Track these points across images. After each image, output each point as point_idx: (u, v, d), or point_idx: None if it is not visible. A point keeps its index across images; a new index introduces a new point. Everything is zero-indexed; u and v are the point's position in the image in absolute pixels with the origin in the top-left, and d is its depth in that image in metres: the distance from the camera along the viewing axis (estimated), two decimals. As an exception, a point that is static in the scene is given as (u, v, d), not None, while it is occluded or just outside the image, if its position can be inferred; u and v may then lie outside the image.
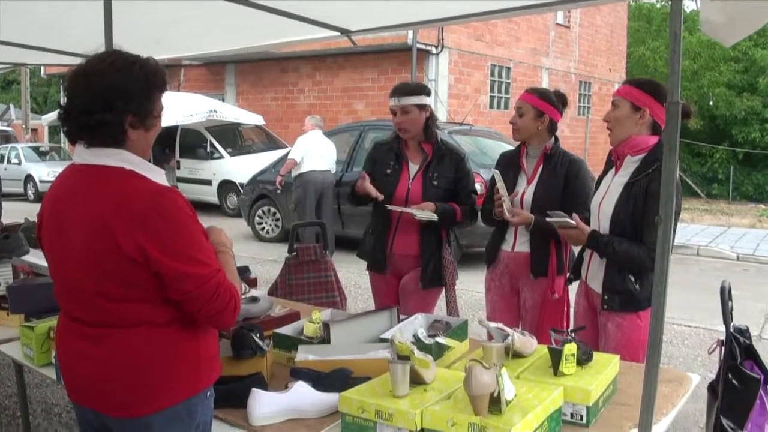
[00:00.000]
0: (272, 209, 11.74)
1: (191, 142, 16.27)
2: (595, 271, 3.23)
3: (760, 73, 25.39)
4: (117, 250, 1.83)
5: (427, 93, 3.85)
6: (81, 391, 2.02)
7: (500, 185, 3.50)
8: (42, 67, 22.18)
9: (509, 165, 3.74)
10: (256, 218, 11.97)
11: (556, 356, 2.24)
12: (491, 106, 19.56)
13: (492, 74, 19.50)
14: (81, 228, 1.89)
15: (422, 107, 3.79)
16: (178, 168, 16.33)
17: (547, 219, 3.22)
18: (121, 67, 1.90)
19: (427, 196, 3.78)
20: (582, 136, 22.80)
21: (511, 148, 3.94)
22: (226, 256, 2.10)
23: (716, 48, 24.85)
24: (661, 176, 1.98)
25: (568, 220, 3.12)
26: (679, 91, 1.91)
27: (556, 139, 3.66)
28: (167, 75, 2.03)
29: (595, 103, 24.55)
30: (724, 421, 3.01)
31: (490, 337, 3.35)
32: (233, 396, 2.33)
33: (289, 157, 10.07)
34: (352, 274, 8.53)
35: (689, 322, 7.10)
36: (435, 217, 3.67)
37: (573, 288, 3.58)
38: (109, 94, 1.87)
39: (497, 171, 3.57)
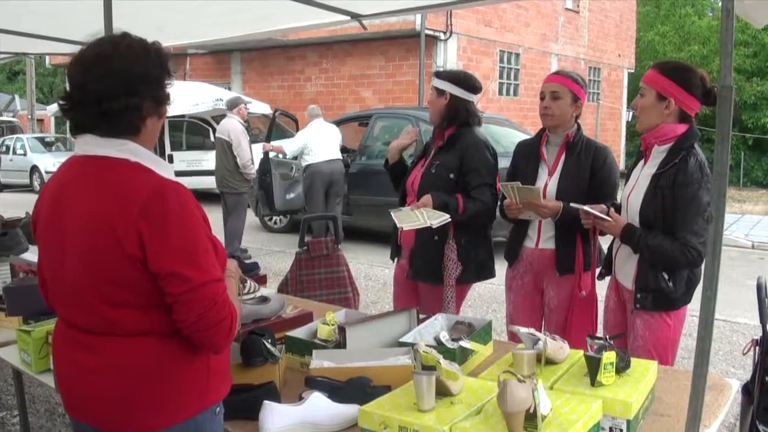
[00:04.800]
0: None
1: (197, 132, 16.03)
2: (622, 264, 3.07)
3: (770, 57, 25.05)
4: (118, 248, 1.67)
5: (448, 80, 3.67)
6: (78, 405, 1.86)
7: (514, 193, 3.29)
8: (47, 57, 21.99)
9: (528, 156, 3.49)
10: (265, 209, 11.75)
11: (593, 365, 2.06)
12: (500, 93, 19.31)
13: (501, 60, 19.24)
14: (81, 225, 1.73)
15: (441, 93, 3.63)
16: (171, 161, 16.01)
17: (581, 208, 3.00)
18: (138, 50, 1.79)
19: (423, 184, 3.59)
20: (591, 122, 22.48)
21: (523, 135, 3.72)
22: (231, 281, 1.95)
23: (726, 32, 24.48)
24: (713, 169, 1.80)
25: (602, 216, 2.95)
26: (731, 75, 1.73)
27: (579, 126, 3.41)
28: (174, 62, 1.90)
29: (605, 89, 24.25)
30: (761, 427, 2.87)
31: (512, 337, 3.20)
32: (244, 407, 2.16)
33: (283, 144, 9.78)
34: (363, 266, 8.39)
35: (709, 314, 6.91)
36: (447, 218, 3.38)
37: (599, 285, 3.40)
38: (132, 78, 1.75)
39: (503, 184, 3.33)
